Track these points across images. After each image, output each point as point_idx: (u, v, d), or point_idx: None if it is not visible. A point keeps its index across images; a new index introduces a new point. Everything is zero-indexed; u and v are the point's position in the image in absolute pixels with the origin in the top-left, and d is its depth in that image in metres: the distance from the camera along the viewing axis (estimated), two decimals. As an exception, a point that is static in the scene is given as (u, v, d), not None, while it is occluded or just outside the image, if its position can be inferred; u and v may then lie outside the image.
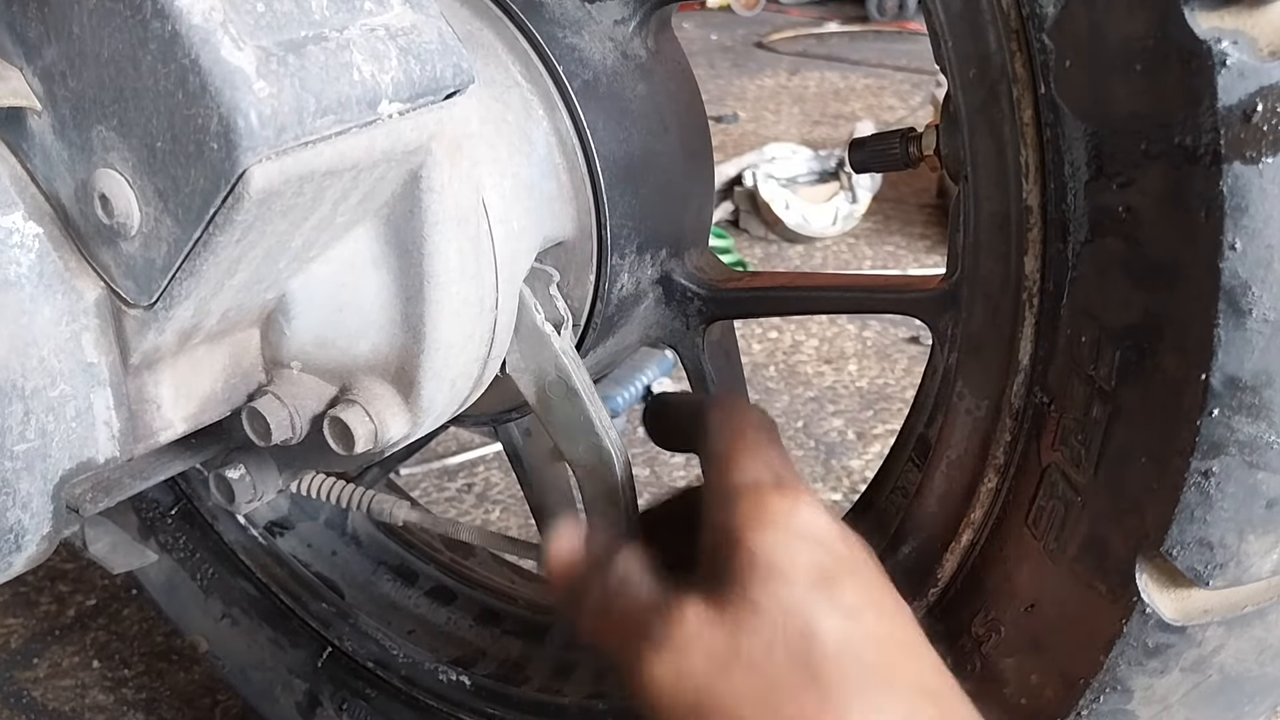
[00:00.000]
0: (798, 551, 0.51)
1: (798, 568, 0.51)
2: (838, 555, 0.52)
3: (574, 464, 0.67)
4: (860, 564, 0.53)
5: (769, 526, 0.52)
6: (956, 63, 0.57)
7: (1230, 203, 0.46)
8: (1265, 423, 0.49)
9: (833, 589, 0.50)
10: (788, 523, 0.52)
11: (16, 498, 0.49)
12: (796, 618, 0.50)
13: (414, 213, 0.52)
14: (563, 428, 0.66)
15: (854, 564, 0.52)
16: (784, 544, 0.51)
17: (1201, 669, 0.57)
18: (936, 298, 0.66)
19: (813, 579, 0.50)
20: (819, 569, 0.51)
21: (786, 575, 0.50)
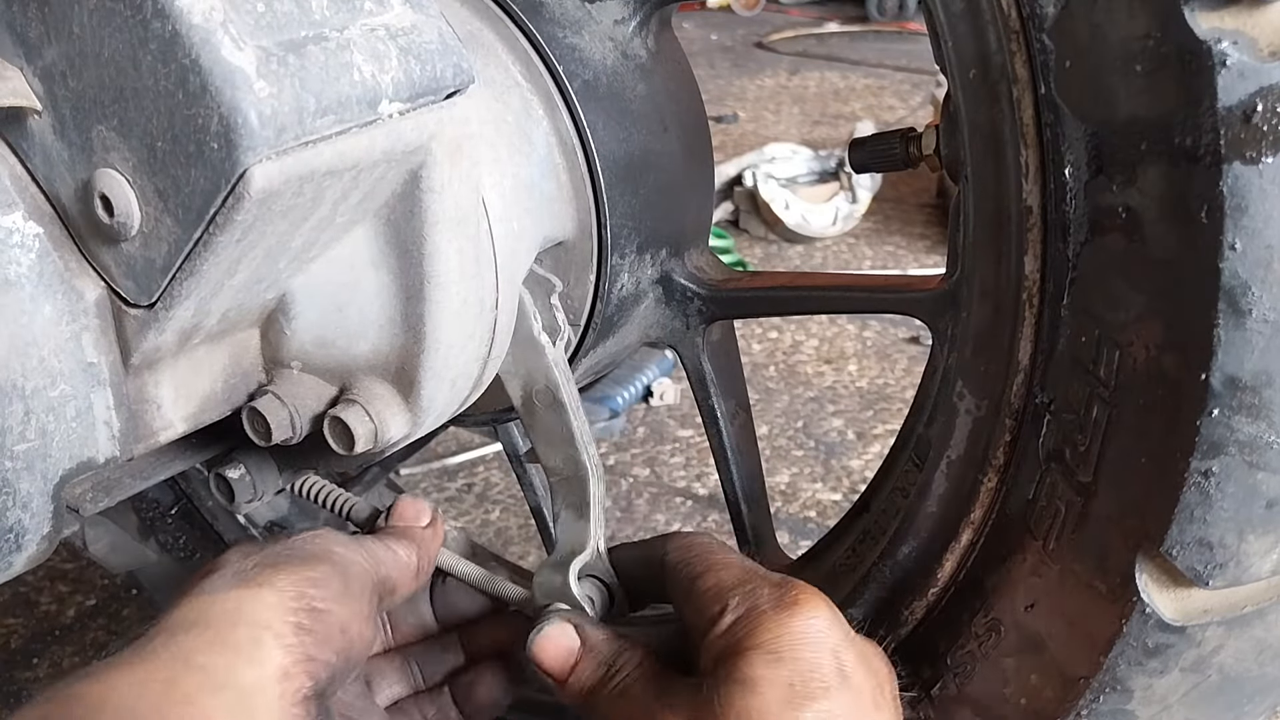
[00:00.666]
0: (773, 668, 0.52)
1: (769, 682, 0.52)
2: (818, 673, 0.53)
3: (550, 472, 0.68)
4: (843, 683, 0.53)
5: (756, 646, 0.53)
6: (957, 63, 0.57)
7: (1230, 203, 0.46)
8: (1265, 423, 0.49)
9: (799, 707, 0.51)
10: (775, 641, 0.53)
11: (17, 497, 0.49)
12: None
13: (414, 213, 0.52)
14: (544, 436, 0.67)
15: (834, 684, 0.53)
16: (763, 661, 0.53)
17: (1201, 669, 0.57)
18: (936, 298, 0.66)
19: (781, 695, 0.51)
20: (790, 685, 0.52)
21: (755, 689, 0.52)
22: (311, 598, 0.53)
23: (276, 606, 0.52)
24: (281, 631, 0.51)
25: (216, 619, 0.51)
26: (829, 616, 0.55)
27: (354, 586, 0.56)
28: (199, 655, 0.49)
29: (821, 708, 0.51)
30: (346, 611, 0.55)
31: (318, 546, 0.57)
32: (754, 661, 0.52)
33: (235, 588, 0.53)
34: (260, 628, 0.51)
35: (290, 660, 0.50)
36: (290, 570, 0.54)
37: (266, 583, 0.53)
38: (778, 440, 1.58)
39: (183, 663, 0.49)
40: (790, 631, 0.53)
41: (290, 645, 0.51)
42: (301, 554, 0.56)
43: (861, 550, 0.74)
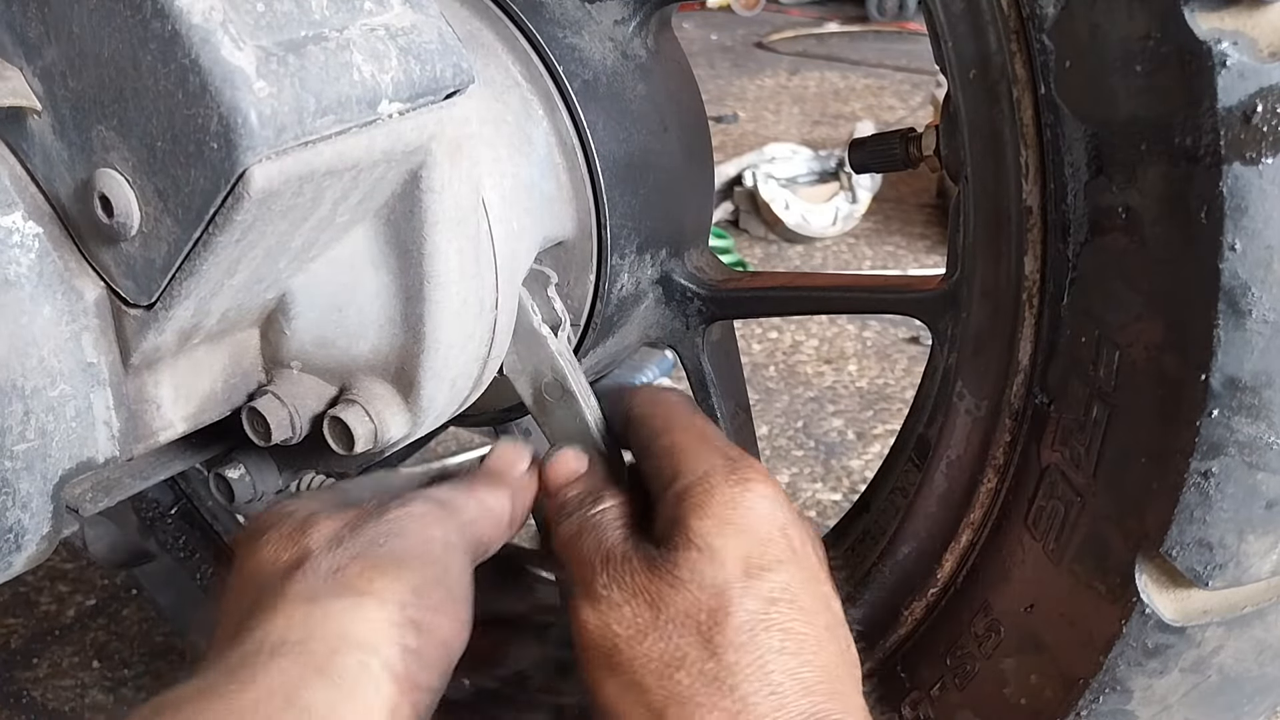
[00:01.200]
0: (731, 538, 0.53)
1: (728, 552, 0.52)
2: (771, 547, 0.53)
3: None
4: (794, 558, 0.54)
5: (711, 515, 0.54)
6: (957, 63, 0.57)
7: (1230, 203, 0.46)
8: (1265, 423, 0.49)
9: (757, 577, 0.52)
10: (730, 512, 0.54)
11: (16, 497, 0.49)
12: (713, 598, 0.52)
13: (414, 213, 0.52)
14: (559, 430, 0.66)
15: (787, 557, 0.53)
16: (719, 530, 0.53)
17: (1201, 669, 0.57)
18: (936, 298, 0.66)
19: (740, 566, 0.52)
20: (747, 557, 0.53)
21: (715, 558, 0.52)
22: (414, 609, 0.50)
23: (384, 624, 0.49)
24: (389, 658, 0.48)
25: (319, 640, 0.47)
26: (776, 495, 0.56)
27: (455, 588, 0.54)
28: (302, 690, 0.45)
29: (777, 578, 0.52)
30: (449, 623, 0.52)
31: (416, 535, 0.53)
32: (712, 531, 0.53)
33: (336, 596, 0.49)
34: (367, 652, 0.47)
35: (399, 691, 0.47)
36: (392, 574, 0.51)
37: (369, 591, 0.49)
38: (778, 440, 1.58)
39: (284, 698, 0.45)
40: (743, 506, 0.54)
41: (399, 675, 0.48)
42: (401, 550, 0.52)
43: (861, 550, 0.74)
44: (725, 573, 0.52)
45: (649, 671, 0.51)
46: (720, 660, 0.50)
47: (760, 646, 0.51)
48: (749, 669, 0.50)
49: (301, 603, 0.49)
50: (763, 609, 0.51)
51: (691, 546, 0.53)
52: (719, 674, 0.50)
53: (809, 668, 0.51)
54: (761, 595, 0.52)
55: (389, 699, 0.47)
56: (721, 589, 0.52)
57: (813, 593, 0.54)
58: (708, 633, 0.51)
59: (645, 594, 0.53)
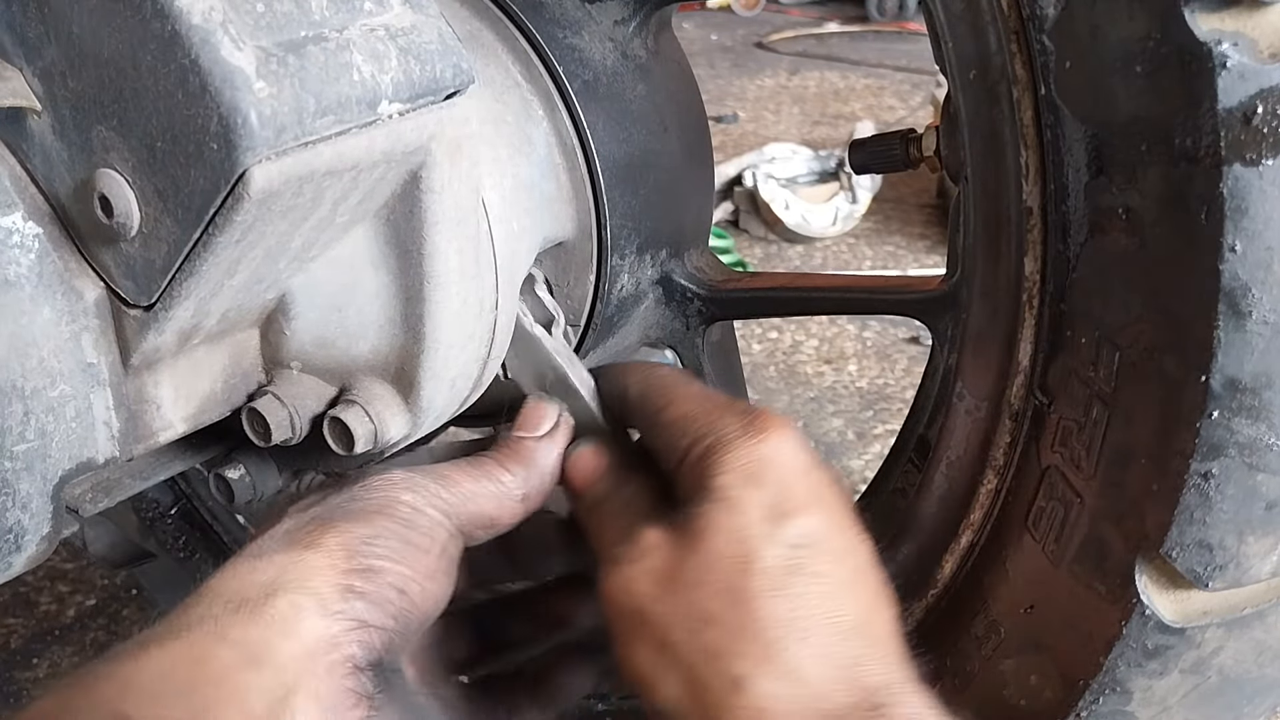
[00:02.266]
0: (753, 488, 0.52)
1: (749, 502, 0.52)
2: (794, 493, 0.53)
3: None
4: (818, 503, 0.53)
5: (731, 470, 0.53)
6: (957, 64, 0.57)
7: (1230, 204, 0.46)
8: (1265, 425, 0.49)
9: (781, 524, 0.51)
10: (750, 464, 0.53)
11: (16, 498, 0.49)
12: (738, 548, 0.51)
13: (414, 213, 0.52)
14: None
15: (811, 502, 0.53)
16: (741, 482, 0.53)
17: (1201, 670, 0.57)
18: (936, 298, 0.66)
19: (763, 514, 0.52)
20: (770, 505, 0.52)
21: (737, 508, 0.52)
22: (364, 555, 0.50)
23: (324, 569, 0.48)
24: (326, 597, 0.47)
25: (256, 588, 0.48)
26: (796, 441, 0.55)
27: (418, 539, 0.52)
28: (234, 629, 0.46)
29: (802, 523, 0.51)
30: (406, 569, 0.51)
31: (381, 497, 0.53)
32: (732, 484, 0.52)
33: (281, 551, 0.49)
34: (303, 594, 0.47)
35: (338, 628, 0.47)
36: (343, 528, 0.50)
37: (314, 544, 0.49)
38: (777, 440, 1.58)
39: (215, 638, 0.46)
40: (762, 456, 0.53)
41: (337, 612, 0.47)
42: (359, 508, 0.52)
43: (861, 551, 0.74)
44: (747, 521, 0.51)
45: (679, 630, 0.50)
46: (748, 610, 0.49)
47: (788, 592, 0.50)
48: (778, 616, 0.49)
49: (248, 559, 0.50)
50: (789, 555, 0.50)
51: (712, 501, 0.52)
52: (748, 624, 0.49)
53: (840, 611, 0.50)
54: (787, 541, 0.51)
55: (324, 635, 0.47)
56: (745, 538, 0.51)
57: (840, 536, 0.53)
58: (734, 584, 0.50)
59: (668, 554, 0.52)
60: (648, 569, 0.53)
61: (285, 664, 0.45)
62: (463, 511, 0.56)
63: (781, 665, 0.48)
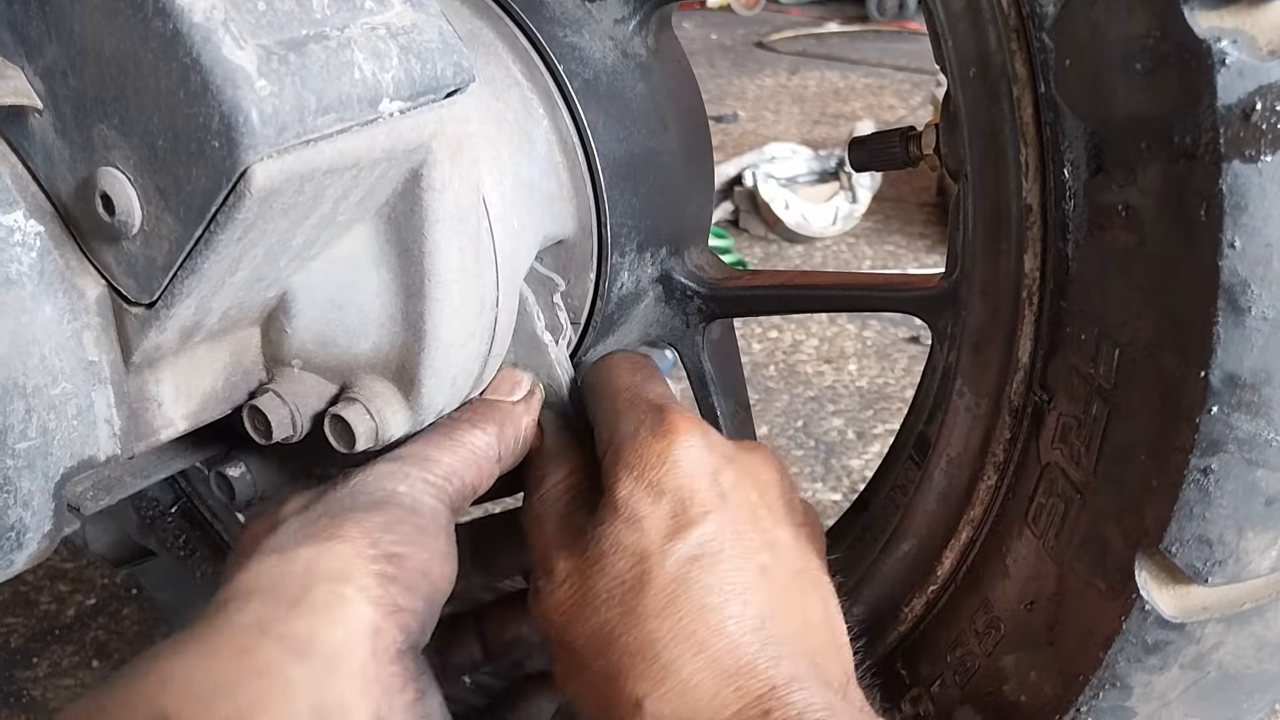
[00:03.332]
0: (653, 500, 0.52)
1: (649, 514, 0.52)
2: (695, 499, 0.52)
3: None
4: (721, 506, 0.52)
5: (634, 477, 0.53)
6: (957, 62, 0.57)
7: (1229, 201, 0.46)
8: (1264, 420, 0.49)
9: (677, 536, 0.51)
10: (654, 472, 0.53)
11: (18, 496, 0.49)
12: (635, 567, 0.51)
13: (415, 211, 0.52)
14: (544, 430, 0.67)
15: (712, 507, 0.52)
16: (642, 491, 0.52)
17: (1200, 666, 0.57)
18: (936, 296, 0.66)
19: (660, 527, 0.51)
20: (669, 515, 0.52)
21: (636, 521, 0.51)
22: (387, 543, 0.49)
23: (354, 557, 0.48)
24: (365, 584, 0.47)
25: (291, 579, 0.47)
26: (703, 440, 0.54)
27: (428, 524, 0.53)
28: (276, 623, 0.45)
29: (701, 532, 0.51)
30: (426, 553, 0.51)
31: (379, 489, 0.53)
32: (634, 496, 0.52)
33: (305, 544, 0.49)
34: (341, 583, 0.47)
35: (380, 614, 0.47)
36: (358, 518, 0.50)
37: (337, 534, 0.49)
38: (778, 440, 1.58)
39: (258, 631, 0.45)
40: (668, 460, 0.53)
41: (378, 598, 0.47)
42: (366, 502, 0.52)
43: (861, 548, 0.74)
44: (646, 538, 0.51)
45: (587, 652, 0.51)
46: (644, 629, 0.49)
47: (681, 608, 0.49)
48: (671, 634, 0.49)
49: (271, 554, 0.49)
50: (683, 569, 0.50)
51: (616, 516, 0.52)
52: (644, 644, 0.49)
53: (737, 618, 0.50)
54: (682, 555, 0.51)
55: (369, 621, 0.46)
56: (642, 556, 0.51)
57: (745, 536, 0.52)
58: (630, 604, 0.50)
59: (576, 574, 0.52)
60: (559, 597, 0.53)
61: (332, 653, 0.45)
62: (450, 489, 0.56)
63: (675, 684, 0.48)
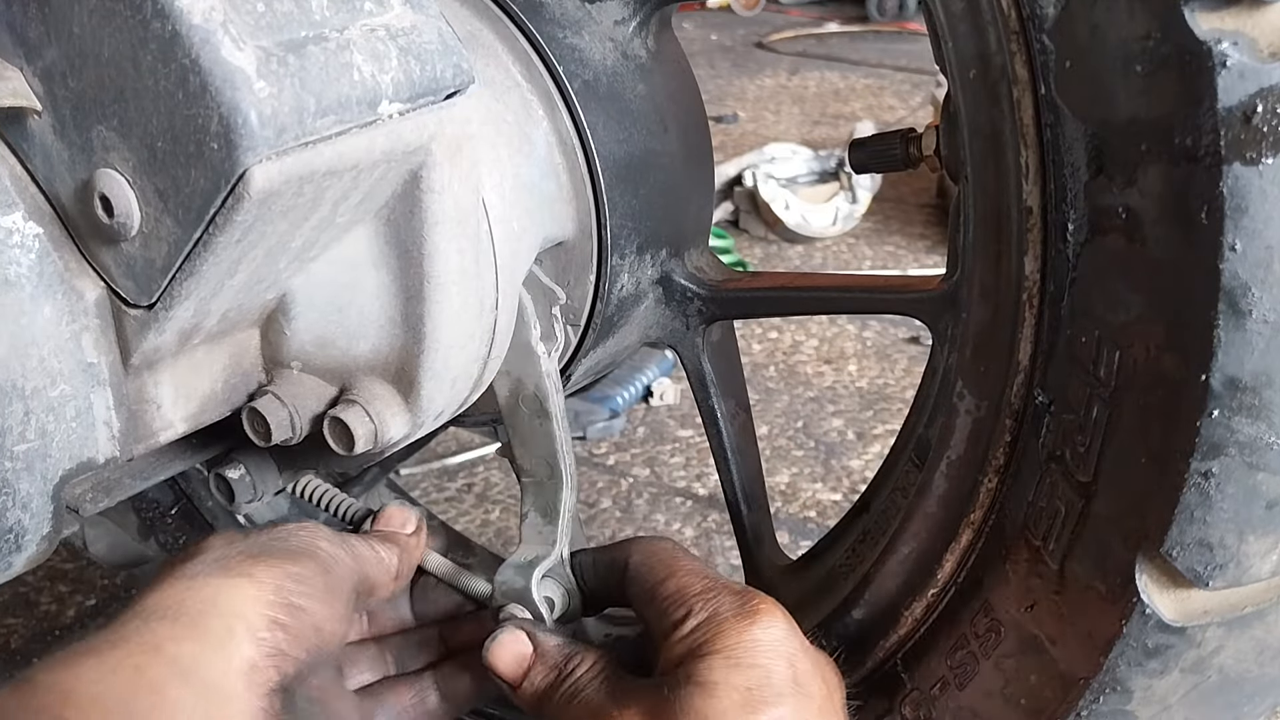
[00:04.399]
0: (733, 672, 0.54)
1: (727, 688, 0.53)
2: (773, 680, 0.54)
3: (523, 473, 0.69)
4: (795, 692, 0.54)
5: (716, 651, 0.54)
6: (957, 63, 0.57)
7: (1230, 204, 0.46)
8: (1265, 424, 0.49)
9: (755, 712, 0.52)
10: (735, 648, 0.54)
11: (16, 498, 0.49)
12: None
13: (414, 213, 0.52)
14: (524, 439, 0.68)
15: (787, 691, 0.54)
16: (723, 666, 0.54)
17: (1201, 670, 0.57)
18: (936, 298, 0.66)
19: (739, 700, 0.52)
20: (747, 691, 0.53)
21: (714, 693, 0.53)
22: (290, 593, 0.53)
23: (254, 599, 0.52)
24: (255, 625, 0.51)
25: (191, 606, 0.51)
26: (786, 627, 0.56)
27: (335, 585, 0.57)
28: (170, 644, 0.49)
29: (775, 713, 0.53)
30: (324, 611, 0.55)
31: (304, 541, 0.57)
32: (714, 666, 0.54)
33: (215, 575, 0.53)
34: (234, 618, 0.51)
35: (260, 654, 0.50)
36: (273, 563, 0.54)
37: (247, 574, 0.53)
38: (778, 440, 1.58)
39: (153, 650, 0.49)
40: (750, 639, 0.55)
41: (262, 639, 0.51)
42: (286, 548, 0.56)
43: (861, 550, 0.74)
44: (722, 707, 0.52)
45: None
46: None
47: None
48: None
49: (183, 580, 0.53)
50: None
51: (692, 684, 0.53)
52: None
53: None
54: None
55: (250, 659, 0.50)
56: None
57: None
58: None
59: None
60: None
61: (214, 680, 0.49)
62: (360, 571, 0.60)
63: None
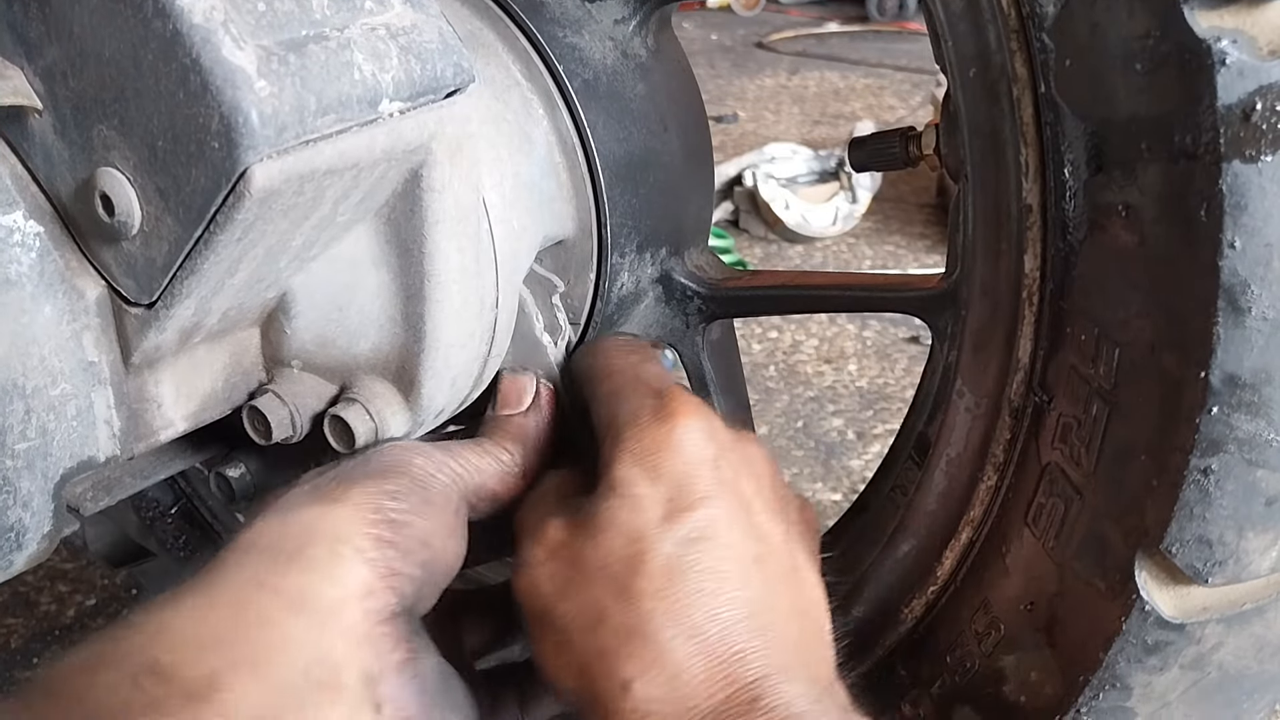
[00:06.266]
0: (652, 482, 0.52)
1: (647, 497, 0.52)
2: (694, 484, 0.53)
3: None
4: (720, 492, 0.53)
5: (634, 460, 0.53)
6: (957, 62, 0.57)
7: (1229, 201, 0.46)
8: (1264, 420, 0.49)
9: (676, 520, 0.51)
10: (653, 455, 0.53)
11: (17, 496, 0.49)
12: (631, 547, 0.51)
13: (414, 212, 0.52)
14: None
15: (712, 492, 0.53)
16: (639, 476, 0.53)
17: (1200, 666, 0.57)
18: (936, 296, 0.66)
19: (658, 509, 0.52)
20: (668, 499, 0.52)
21: (634, 504, 0.52)
22: (389, 510, 0.50)
23: (354, 520, 0.49)
24: (362, 545, 0.48)
25: (290, 537, 0.48)
26: (705, 426, 0.55)
27: (435, 498, 0.54)
28: (273, 576, 0.46)
29: (699, 516, 0.51)
30: (428, 524, 0.52)
31: (395, 459, 0.54)
32: (633, 477, 0.53)
33: (311, 504, 0.50)
34: (339, 542, 0.48)
35: (374, 575, 0.48)
36: (366, 484, 0.51)
37: (341, 498, 0.50)
38: (778, 440, 1.58)
39: (255, 585, 0.46)
40: (668, 444, 0.53)
41: (373, 559, 0.48)
42: (378, 468, 0.53)
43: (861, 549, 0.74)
44: (643, 518, 0.51)
45: (575, 628, 0.51)
46: (638, 609, 0.49)
47: (677, 591, 0.50)
48: (666, 615, 0.49)
49: (276, 513, 0.50)
50: (680, 551, 0.50)
51: (612, 495, 0.52)
52: (637, 624, 0.49)
53: (731, 605, 0.50)
54: (679, 537, 0.51)
55: (363, 580, 0.47)
56: (638, 536, 0.51)
57: (740, 525, 0.53)
58: (625, 583, 0.50)
59: (568, 547, 0.52)
60: (550, 569, 0.53)
61: (327, 608, 0.46)
62: (470, 483, 0.56)
63: (666, 667, 0.48)
